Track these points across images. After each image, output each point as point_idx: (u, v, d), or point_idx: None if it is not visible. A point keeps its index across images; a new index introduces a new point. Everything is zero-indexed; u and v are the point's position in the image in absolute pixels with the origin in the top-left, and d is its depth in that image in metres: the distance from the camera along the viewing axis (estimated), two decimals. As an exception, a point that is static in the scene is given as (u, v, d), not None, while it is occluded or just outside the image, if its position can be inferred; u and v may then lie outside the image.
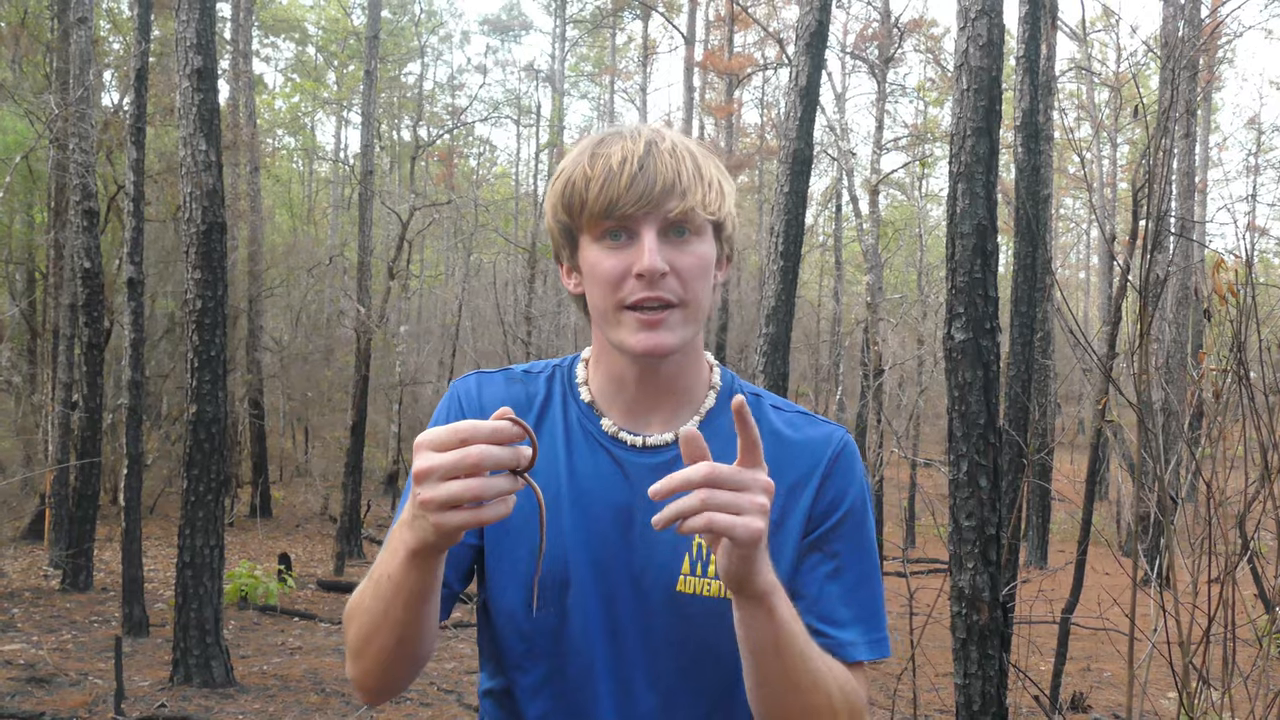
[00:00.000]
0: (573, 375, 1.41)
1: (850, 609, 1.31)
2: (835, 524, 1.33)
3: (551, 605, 1.31)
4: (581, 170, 1.25)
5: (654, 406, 1.35)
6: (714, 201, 1.27)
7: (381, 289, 17.62)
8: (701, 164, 1.27)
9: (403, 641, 1.21)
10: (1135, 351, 3.74)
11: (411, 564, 1.13)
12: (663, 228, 1.25)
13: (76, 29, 11.03)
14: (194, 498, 7.31)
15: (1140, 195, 4.19)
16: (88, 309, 10.75)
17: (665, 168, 1.23)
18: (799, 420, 1.39)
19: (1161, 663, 3.70)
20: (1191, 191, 16.86)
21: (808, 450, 1.35)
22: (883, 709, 7.35)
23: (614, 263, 1.25)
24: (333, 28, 35.60)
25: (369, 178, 16.49)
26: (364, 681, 1.27)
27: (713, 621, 1.28)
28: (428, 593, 1.17)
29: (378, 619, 1.20)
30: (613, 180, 1.23)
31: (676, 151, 1.25)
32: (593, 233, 1.27)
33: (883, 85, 21.81)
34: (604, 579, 1.31)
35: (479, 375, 1.42)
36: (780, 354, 8.00)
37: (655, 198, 1.22)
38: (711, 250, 1.30)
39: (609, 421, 1.36)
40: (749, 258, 32.30)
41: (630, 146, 1.25)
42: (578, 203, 1.26)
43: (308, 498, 21.69)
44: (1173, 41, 14.24)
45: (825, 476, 1.34)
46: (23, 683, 7.09)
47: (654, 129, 1.29)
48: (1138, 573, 3.98)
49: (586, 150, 1.27)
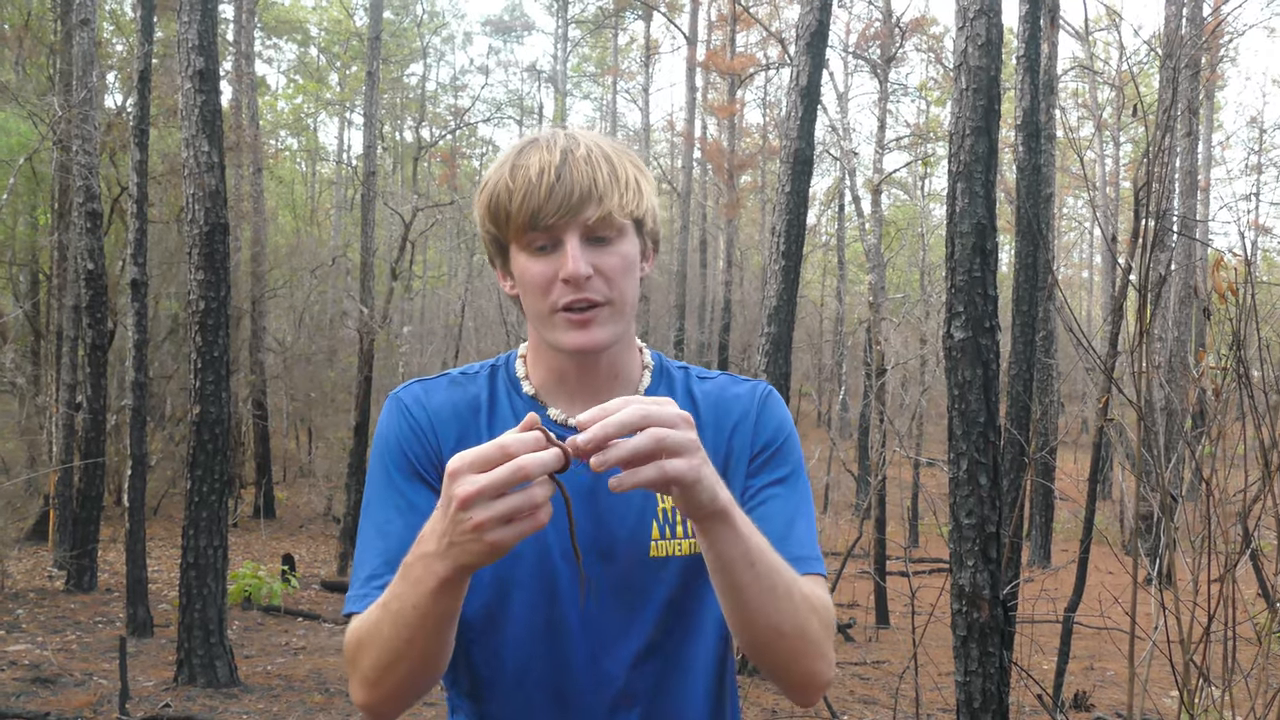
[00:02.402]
0: (512, 371, 1.46)
1: (796, 528, 1.39)
2: (773, 452, 1.43)
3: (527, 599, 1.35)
4: (504, 184, 1.31)
5: (596, 393, 1.39)
6: (631, 202, 1.32)
7: (384, 290, 17.63)
8: (617, 166, 1.32)
9: (428, 667, 1.24)
10: (1136, 350, 3.75)
11: (443, 592, 1.14)
12: (584, 233, 1.30)
13: (79, 31, 11.06)
14: (198, 498, 7.33)
15: (1141, 194, 4.20)
16: (91, 310, 10.78)
17: (581, 175, 1.28)
18: (725, 381, 1.49)
19: (1163, 661, 3.71)
20: (1194, 190, 16.85)
21: (738, 401, 1.46)
22: (885, 708, 7.37)
23: (541, 269, 1.31)
24: (335, 29, 35.66)
25: (372, 179, 16.52)
26: (379, 708, 1.28)
27: (687, 579, 1.37)
28: (454, 616, 1.20)
29: (400, 649, 1.20)
30: (532, 192, 1.28)
31: (592, 157, 1.30)
32: (519, 243, 1.33)
33: (884, 85, 21.82)
34: (588, 564, 1.35)
35: (422, 382, 1.45)
36: (782, 353, 8.01)
37: (574, 206, 1.28)
38: (634, 247, 1.35)
39: (556, 411, 1.41)
40: (751, 257, 32.31)
41: (547, 157, 1.29)
42: (503, 215, 1.31)
43: (311, 498, 21.72)
44: (1174, 40, 14.23)
45: (758, 415, 1.44)
46: (28, 683, 7.10)
47: (570, 135, 1.33)
48: (1139, 571, 3.99)
49: (507, 162, 1.32)
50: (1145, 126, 4.96)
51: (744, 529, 1.18)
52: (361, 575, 1.33)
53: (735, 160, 24.86)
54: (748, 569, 1.20)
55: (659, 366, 1.48)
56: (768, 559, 1.21)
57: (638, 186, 1.34)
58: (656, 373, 1.47)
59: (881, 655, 9.69)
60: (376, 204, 17.25)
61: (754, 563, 1.20)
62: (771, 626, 1.23)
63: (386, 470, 1.36)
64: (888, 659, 9.41)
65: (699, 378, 1.49)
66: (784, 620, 1.23)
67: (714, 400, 1.45)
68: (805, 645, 1.26)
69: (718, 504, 1.15)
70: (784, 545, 1.32)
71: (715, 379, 1.49)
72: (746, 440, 1.42)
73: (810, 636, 1.26)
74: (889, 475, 16.04)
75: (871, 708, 7.52)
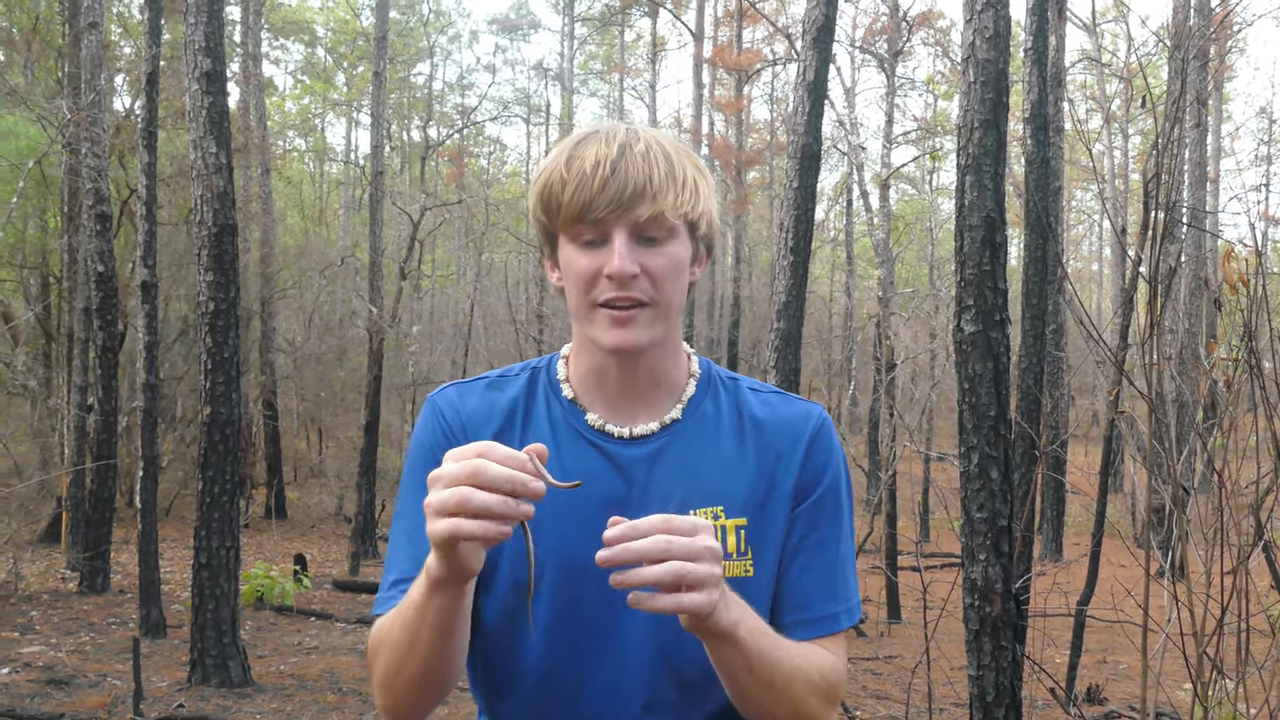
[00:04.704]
0: (553, 373, 1.43)
1: (830, 581, 1.37)
2: (817, 499, 1.38)
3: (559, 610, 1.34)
4: (559, 173, 1.28)
5: (636, 398, 1.38)
6: (686, 202, 1.29)
7: (393, 289, 17.66)
8: (675, 165, 1.29)
9: (430, 674, 1.23)
10: (1147, 342, 3.74)
11: (432, 591, 1.15)
12: (634, 230, 1.27)
13: (87, 34, 11.08)
14: (209, 499, 7.34)
15: (1151, 186, 4.18)
16: (102, 312, 10.81)
17: (637, 171, 1.26)
18: (775, 400, 1.44)
19: (1177, 654, 3.70)
20: (1203, 181, 16.80)
21: (788, 427, 1.41)
22: (898, 702, 7.36)
23: (587, 263, 1.29)
24: (341, 29, 35.67)
25: (379, 178, 16.54)
26: (395, 711, 1.29)
27: None
28: (451, 623, 1.19)
29: (404, 652, 1.21)
30: (585, 184, 1.25)
31: (650, 154, 1.28)
32: (568, 234, 1.30)
33: (892, 79, 21.78)
34: (604, 573, 1.33)
35: (457, 385, 1.44)
36: (792, 349, 8.00)
37: (626, 202, 1.25)
38: (684, 250, 1.32)
39: (594, 416, 1.38)
40: (760, 254, 32.26)
41: (604, 151, 1.27)
42: (554, 205, 1.29)
43: (322, 498, 21.75)
44: (1183, 31, 14.18)
45: (807, 452, 1.39)
46: (42, 684, 7.13)
47: (631, 129, 1.31)
48: (1152, 564, 3.97)
49: (564, 151, 1.30)
50: (1154, 118, 4.94)
51: (747, 642, 1.19)
52: (389, 579, 1.34)
53: (743, 156, 24.83)
54: (746, 674, 1.22)
55: (706, 375, 1.45)
56: (767, 661, 1.23)
57: (695, 188, 1.31)
58: (703, 382, 1.43)
59: (894, 650, 9.68)
60: (384, 204, 17.28)
61: (753, 668, 1.21)
62: (765, 710, 1.26)
63: (416, 474, 1.35)
64: (900, 654, 9.40)
65: (750, 390, 1.45)
66: (780, 707, 1.26)
67: (761, 422, 1.41)
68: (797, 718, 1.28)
69: (724, 627, 1.16)
70: (826, 603, 1.34)
71: (765, 396, 1.45)
72: (789, 478, 1.38)
73: (806, 713, 1.28)
74: (899, 470, 16.00)
75: (884, 702, 7.51)
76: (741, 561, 1.35)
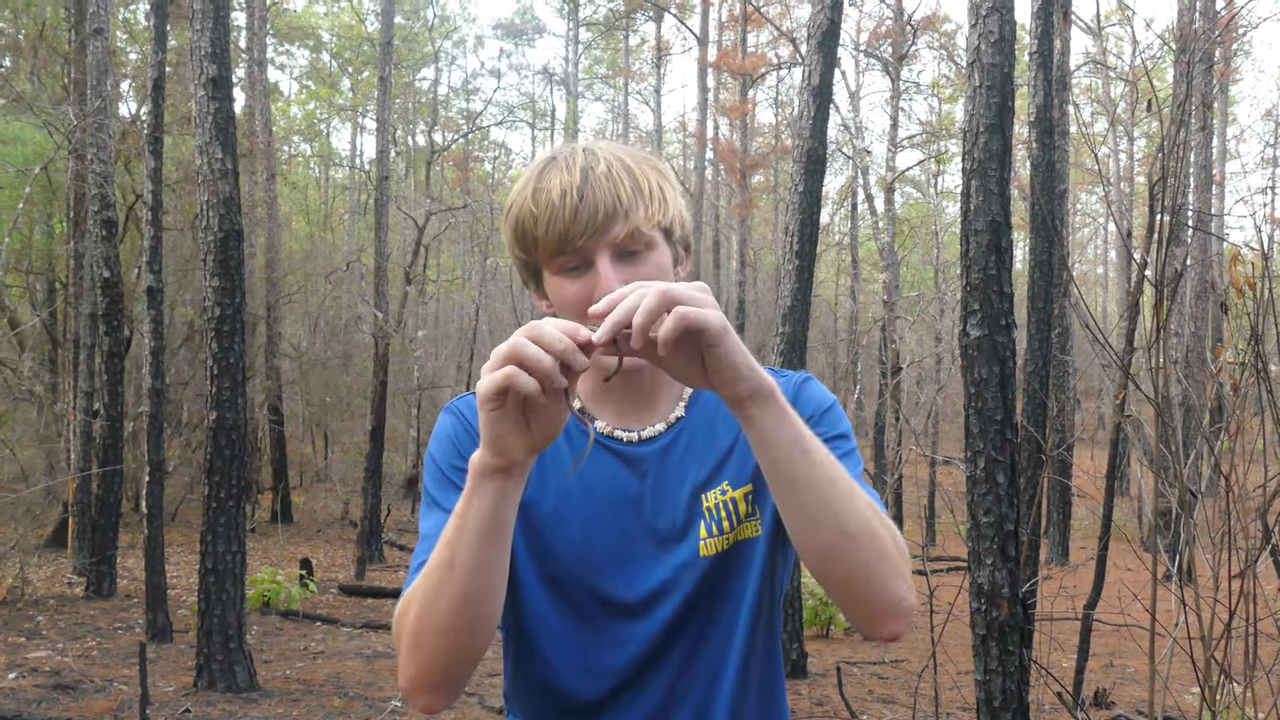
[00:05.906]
0: None
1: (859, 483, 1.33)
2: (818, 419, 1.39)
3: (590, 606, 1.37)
4: (527, 209, 1.30)
5: (642, 403, 1.42)
6: (657, 212, 1.31)
7: (399, 294, 17.69)
8: (639, 177, 1.30)
9: (468, 599, 1.16)
10: (1153, 346, 3.73)
11: (473, 491, 1.14)
12: (614, 250, 1.29)
13: (93, 40, 11.12)
14: (215, 504, 7.35)
15: (1156, 189, 4.18)
16: (108, 318, 10.83)
17: (604, 192, 1.27)
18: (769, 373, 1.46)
19: (1184, 658, 3.69)
20: (1209, 184, 16.76)
21: None
22: (904, 707, 7.35)
23: (577, 289, 1.30)
24: (347, 35, 35.76)
25: (385, 183, 16.55)
26: (420, 680, 1.21)
27: (729, 568, 1.37)
28: (492, 531, 1.15)
29: (442, 573, 1.16)
30: (557, 215, 1.27)
31: (612, 172, 1.29)
32: (551, 266, 1.32)
33: (897, 83, 21.79)
34: (621, 565, 1.37)
35: (474, 396, 1.44)
36: (797, 353, 8.00)
37: (600, 225, 1.27)
38: (665, 256, 1.34)
39: (603, 423, 1.41)
40: (765, 258, 32.28)
41: (567, 179, 1.28)
42: (530, 240, 1.31)
43: (328, 503, 21.78)
44: (1188, 34, 14.17)
45: (794, 398, 1.41)
46: (49, 689, 7.14)
47: (588, 150, 1.32)
48: (1159, 568, 3.97)
49: (528, 185, 1.31)
50: (1159, 121, 4.93)
51: (793, 414, 1.15)
52: (416, 563, 1.32)
53: (748, 160, 24.84)
54: (802, 456, 1.15)
55: None
56: (824, 450, 1.17)
57: (662, 195, 1.32)
58: None
59: (900, 654, 9.66)
60: (390, 208, 17.28)
61: (808, 450, 1.15)
62: (836, 524, 1.16)
63: (442, 471, 1.37)
64: (906, 658, 9.38)
65: None
66: (849, 520, 1.16)
67: None
68: (877, 553, 1.18)
69: (758, 376, 1.12)
70: None
71: None
72: None
73: (881, 543, 1.18)
74: (905, 474, 16.01)
75: (891, 707, 7.49)
76: (752, 522, 1.38)
